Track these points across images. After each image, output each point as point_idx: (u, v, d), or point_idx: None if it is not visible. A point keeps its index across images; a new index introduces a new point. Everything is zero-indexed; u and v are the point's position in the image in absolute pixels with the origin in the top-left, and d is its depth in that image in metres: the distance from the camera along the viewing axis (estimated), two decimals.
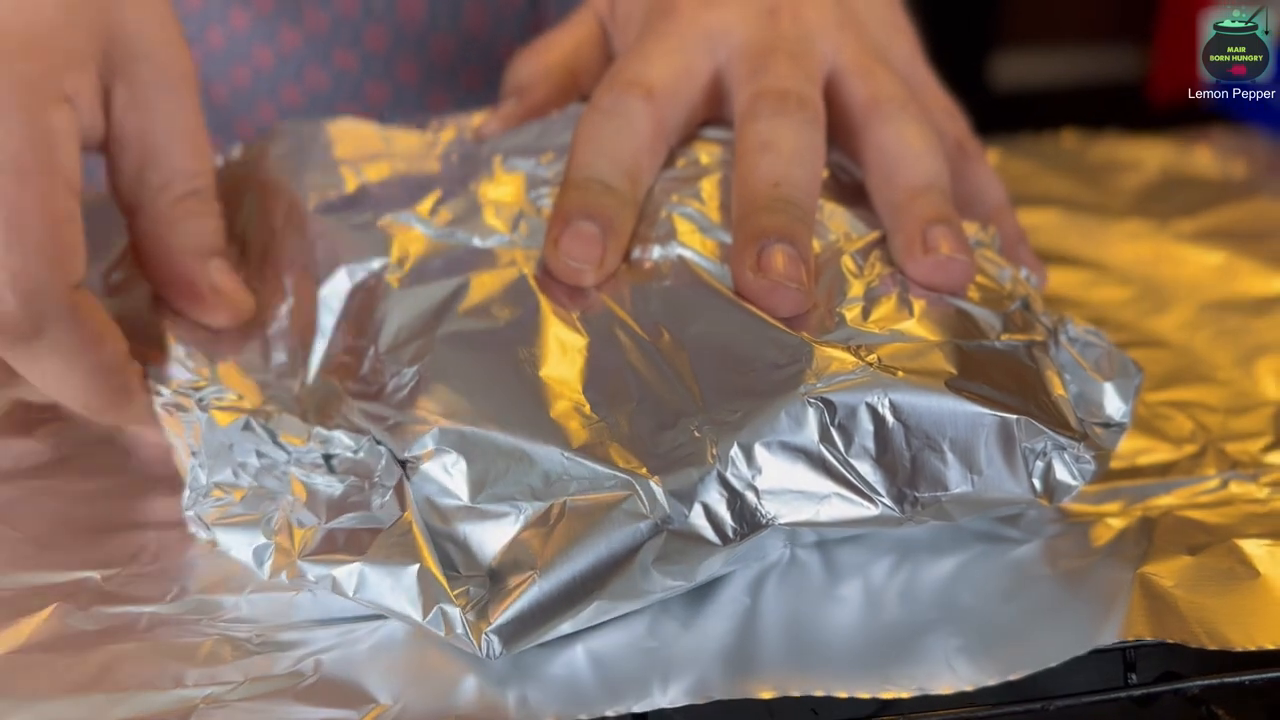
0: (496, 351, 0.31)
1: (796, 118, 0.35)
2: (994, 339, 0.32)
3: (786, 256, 0.32)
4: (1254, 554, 0.31)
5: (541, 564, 0.28)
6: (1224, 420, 0.38)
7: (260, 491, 0.31)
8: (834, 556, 0.31)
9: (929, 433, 0.29)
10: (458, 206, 0.36)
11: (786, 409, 0.29)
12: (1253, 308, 0.45)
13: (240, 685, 0.28)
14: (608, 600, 0.28)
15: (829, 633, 0.29)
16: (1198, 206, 0.53)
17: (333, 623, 0.30)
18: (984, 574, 0.31)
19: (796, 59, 0.36)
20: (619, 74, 0.37)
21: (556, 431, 0.29)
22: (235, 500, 0.31)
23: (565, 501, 0.28)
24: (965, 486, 0.30)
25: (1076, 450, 0.30)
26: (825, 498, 0.29)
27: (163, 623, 0.30)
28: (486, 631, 0.27)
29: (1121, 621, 0.29)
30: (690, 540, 0.28)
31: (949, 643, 0.28)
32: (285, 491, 0.31)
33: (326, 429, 0.31)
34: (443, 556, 0.29)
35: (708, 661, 0.28)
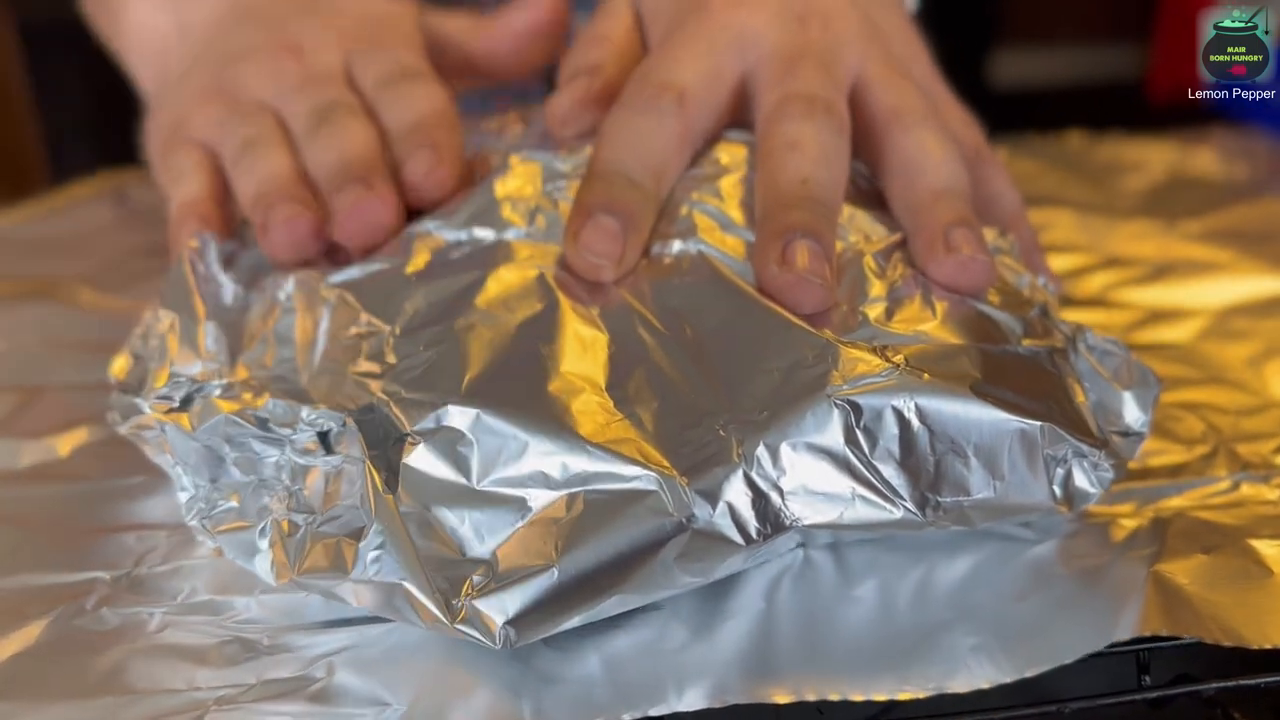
0: (515, 343, 0.31)
1: (823, 122, 0.35)
2: (1016, 344, 0.32)
3: (811, 252, 0.32)
4: (1268, 554, 0.31)
5: (558, 555, 0.27)
6: (1235, 421, 0.38)
7: (257, 488, 0.31)
8: (848, 557, 0.31)
9: (954, 437, 0.29)
10: (474, 204, 0.36)
11: (813, 410, 0.29)
12: (1261, 309, 0.45)
13: (253, 687, 0.28)
14: (626, 594, 0.28)
15: (844, 634, 0.29)
16: (1204, 207, 0.53)
17: (345, 624, 0.30)
18: (999, 573, 0.31)
19: (825, 66, 0.36)
20: (651, 74, 0.37)
21: (579, 423, 0.29)
22: (233, 504, 0.31)
23: (584, 493, 0.28)
24: (988, 492, 0.30)
25: (1096, 458, 0.30)
26: (849, 500, 0.29)
27: (173, 624, 0.30)
28: (502, 624, 0.27)
29: (1137, 617, 0.28)
30: (714, 539, 0.28)
31: (965, 641, 0.28)
32: (280, 484, 0.31)
33: (317, 409, 0.31)
34: (439, 542, 0.28)
35: (723, 665, 0.28)
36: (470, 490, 0.28)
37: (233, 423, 0.31)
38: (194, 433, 0.31)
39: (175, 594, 0.31)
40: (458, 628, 0.27)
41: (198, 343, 0.34)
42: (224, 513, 0.31)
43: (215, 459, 0.32)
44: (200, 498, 0.31)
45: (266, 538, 0.30)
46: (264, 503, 0.31)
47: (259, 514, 0.30)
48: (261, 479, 0.31)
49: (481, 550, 0.28)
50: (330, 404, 0.31)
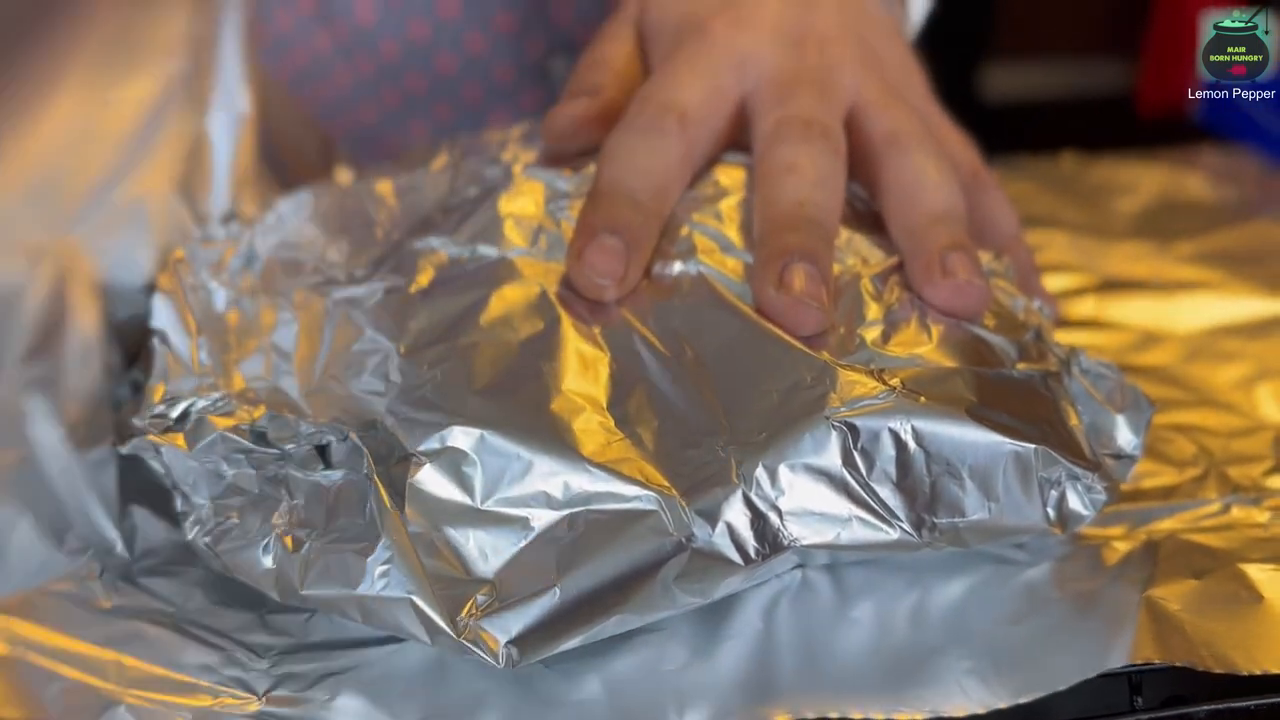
0: (518, 362, 0.31)
1: (820, 145, 0.35)
2: (1010, 368, 0.32)
3: (808, 275, 0.32)
4: (1258, 579, 0.31)
5: (561, 574, 0.28)
6: (1225, 444, 0.38)
7: (257, 502, 0.31)
8: (845, 579, 0.32)
9: (949, 459, 0.30)
10: (478, 221, 0.36)
11: (811, 431, 0.29)
12: (1252, 330, 0.46)
13: (256, 699, 0.28)
14: (627, 614, 0.28)
15: (841, 655, 0.29)
16: (1196, 229, 0.53)
17: (347, 646, 0.30)
18: (994, 596, 0.31)
19: (822, 91, 0.37)
20: (653, 95, 0.37)
21: (580, 443, 0.29)
22: (234, 520, 0.31)
23: (586, 513, 0.29)
24: (982, 513, 0.30)
25: (1090, 481, 0.31)
26: (846, 521, 0.29)
27: (180, 627, 0.30)
28: (505, 644, 0.27)
29: (1130, 644, 0.29)
30: (713, 559, 0.29)
31: (960, 665, 0.29)
32: (281, 498, 0.31)
33: (316, 423, 0.31)
34: (444, 561, 0.28)
35: (723, 688, 0.28)
36: (475, 510, 0.29)
37: (229, 439, 0.31)
38: (191, 451, 0.31)
39: (186, 599, 0.31)
40: (462, 642, 0.27)
41: (191, 358, 0.34)
42: (225, 529, 0.31)
43: (214, 476, 0.32)
44: (201, 516, 0.31)
45: (270, 554, 0.30)
46: (265, 518, 0.31)
47: (261, 530, 0.30)
48: (261, 494, 0.31)
49: (485, 569, 0.28)
50: (330, 419, 0.31)
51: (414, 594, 0.28)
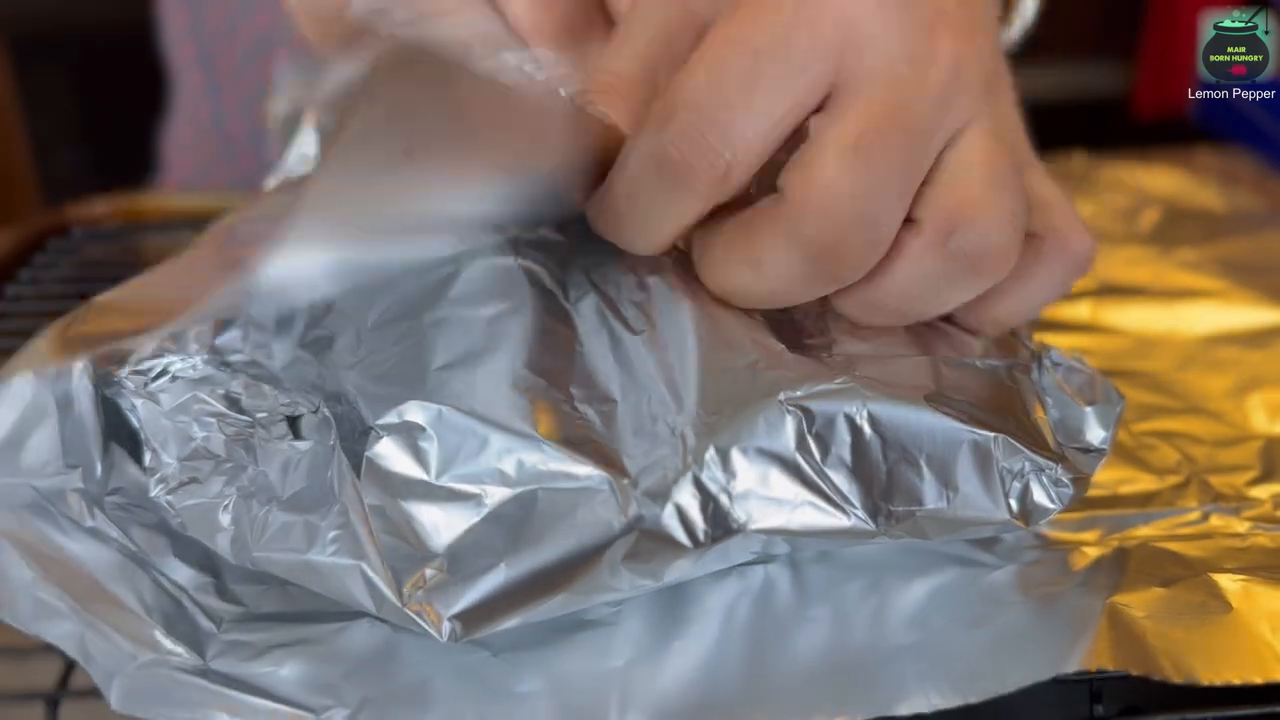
0: (480, 339, 0.31)
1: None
2: (974, 358, 0.32)
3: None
4: (1228, 588, 0.31)
5: (509, 552, 0.28)
6: (1211, 452, 0.38)
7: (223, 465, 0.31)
8: (808, 579, 0.31)
9: (906, 446, 0.29)
10: None
11: (765, 414, 0.29)
12: (1249, 340, 0.45)
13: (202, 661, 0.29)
14: (573, 594, 0.28)
15: (794, 656, 0.29)
16: (1201, 237, 0.53)
17: (300, 619, 0.30)
18: (956, 599, 0.31)
19: (920, 139, 0.29)
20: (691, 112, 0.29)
21: (538, 421, 0.29)
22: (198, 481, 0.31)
23: (538, 491, 0.29)
24: (940, 503, 0.30)
25: (1054, 473, 0.30)
26: (798, 505, 0.29)
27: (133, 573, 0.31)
28: (448, 618, 0.27)
29: (1087, 651, 0.28)
30: (661, 541, 0.28)
31: (913, 667, 0.28)
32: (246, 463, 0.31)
33: (288, 394, 0.31)
34: (397, 534, 0.28)
35: (667, 690, 0.28)
36: (429, 485, 0.29)
37: (203, 402, 0.31)
38: (165, 410, 0.32)
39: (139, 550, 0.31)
40: (407, 613, 0.27)
41: None
42: (189, 488, 0.31)
43: (185, 437, 0.32)
44: (166, 475, 0.32)
45: (229, 514, 0.30)
46: (229, 481, 0.31)
47: (222, 493, 0.31)
48: (229, 458, 0.31)
49: (437, 544, 0.28)
50: (301, 390, 0.31)
51: (363, 562, 0.28)
